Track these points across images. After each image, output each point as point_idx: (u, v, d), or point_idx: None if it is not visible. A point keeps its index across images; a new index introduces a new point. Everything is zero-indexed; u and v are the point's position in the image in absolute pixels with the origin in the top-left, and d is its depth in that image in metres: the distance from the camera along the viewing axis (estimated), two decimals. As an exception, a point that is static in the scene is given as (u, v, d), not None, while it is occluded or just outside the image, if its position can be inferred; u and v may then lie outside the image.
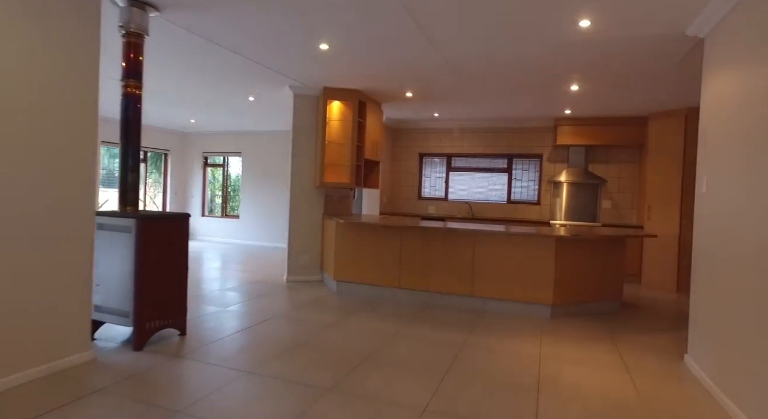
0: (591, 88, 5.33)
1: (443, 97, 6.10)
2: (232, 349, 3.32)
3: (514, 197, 7.81)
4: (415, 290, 4.98)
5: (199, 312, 4.25)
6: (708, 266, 3.03)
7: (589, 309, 4.73)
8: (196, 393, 2.58)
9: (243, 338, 3.59)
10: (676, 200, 6.18)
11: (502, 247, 4.63)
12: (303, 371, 2.97)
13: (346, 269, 5.26)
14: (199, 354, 3.17)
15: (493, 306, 4.70)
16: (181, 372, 2.86)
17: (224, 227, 9.99)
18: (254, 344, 3.46)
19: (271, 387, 2.71)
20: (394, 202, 8.49)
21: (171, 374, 2.82)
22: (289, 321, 4.13)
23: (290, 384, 2.76)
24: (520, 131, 7.67)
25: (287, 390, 2.68)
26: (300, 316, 4.28)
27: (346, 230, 5.26)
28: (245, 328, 3.85)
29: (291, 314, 4.35)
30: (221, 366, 2.99)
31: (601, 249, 4.75)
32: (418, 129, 8.32)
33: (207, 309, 4.39)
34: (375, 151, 6.48)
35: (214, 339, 3.50)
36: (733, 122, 2.78)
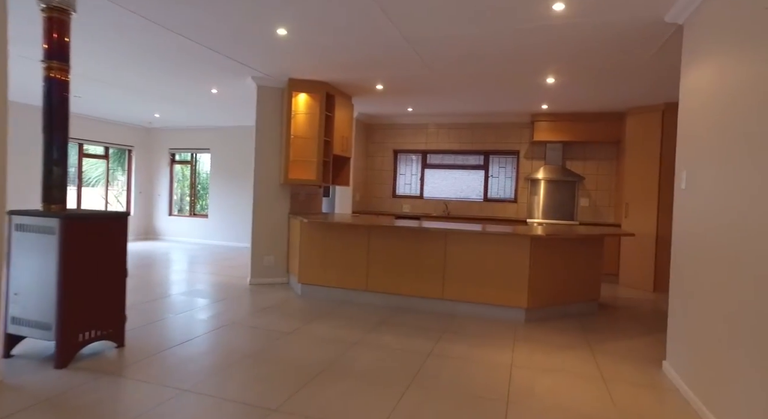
0: (567, 81, 5.13)
1: (415, 90, 5.84)
2: (173, 363, 2.99)
3: (491, 195, 7.60)
4: (384, 293, 4.71)
5: (146, 320, 3.90)
6: (688, 268, 2.83)
7: (565, 312, 4.52)
8: (118, 418, 2.25)
9: (189, 349, 3.26)
10: (653, 198, 6.04)
11: (474, 247, 4.39)
12: (248, 388, 2.66)
13: (311, 271, 4.96)
14: (133, 370, 2.83)
15: (464, 310, 4.45)
16: (106, 393, 2.53)
17: (192, 227, 9.57)
18: (200, 356, 3.14)
19: (206, 408, 2.40)
20: (368, 200, 8.21)
21: (94, 395, 2.48)
22: (244, 328, 3.81)
23: (228, 403, 2.46)
24: (497, 126, 7.46)
25: (221, 411, 2.37)
26: (257, 323, 3.96)
27: (311, 230, 4.96)
28: (194, 337, 3.52)
29: (248, 320, 4.03)
30: (156, 383, 2.66)
31: (578, 249, 4.55)
32: (392, 125, 8.05)
33: (157, 316, 4.04)
34: (345, 147, 6.19)
35: (156, 352, 3.17)
36: (713, 114, 2.57)
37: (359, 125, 7.76)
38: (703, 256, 2.60)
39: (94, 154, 8.86)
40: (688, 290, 2.81)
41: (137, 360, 2.98)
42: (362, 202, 8.06)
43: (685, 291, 2.85)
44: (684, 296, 2.88)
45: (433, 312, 4.50)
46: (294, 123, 5.55)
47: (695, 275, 2.70)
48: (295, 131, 5.55)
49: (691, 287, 2.77)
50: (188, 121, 8.94)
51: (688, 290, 2.80)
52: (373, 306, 4.66)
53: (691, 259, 2.78)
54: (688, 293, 2.80)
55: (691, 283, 2.76)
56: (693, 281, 2.74)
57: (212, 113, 7.97)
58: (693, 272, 2.74)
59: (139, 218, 9.66)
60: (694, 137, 2.83)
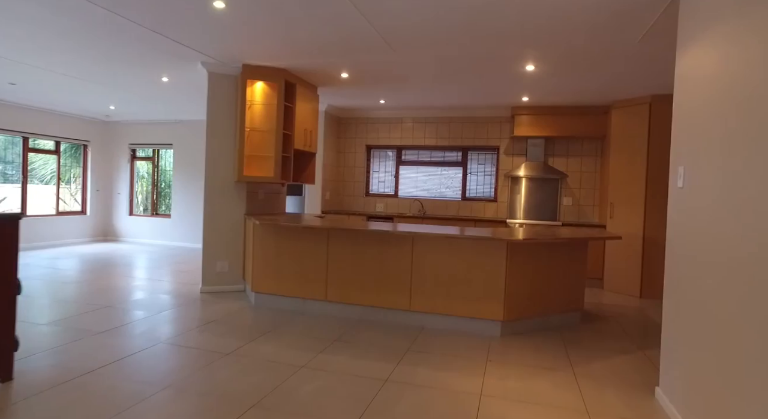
0: (549, 70, 4.68)
1: (384, 78, 5.34)
2: (69, 400, 2.45)
3: (470, 194, 7.15)
4: (345, 304, 4.21)
5: (57, 342, 3.34)
6: (686, 279, 2.38)
7: (545, 324, 4.08)
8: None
9: (97, 380, 2.73)
10: (640, 197, 5.64)
11: (444, 253, 3.92)
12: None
13: (265, 279, 4.44)
14: (10, 413, 2.30)
15: (433, 323, 3.98)
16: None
17: (154, 228, 8.95)
18: (107, 390, 2.61)
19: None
20: (339, 199, 7.70)
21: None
22: (176, 349, 3.28)
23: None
24: (476, 121, 7.01)
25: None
26: (194, 341, 3.44)
27: (264, 233, 4.44)
28: (109, 363, 2.98)
29: (184, 338, 3.50)
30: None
31: (560, 254, 4.11)
32: (365, 119, 7.55)
33: (74, 336, 3.48)
34: (309, 141, 5.67)
35: (52, 385, 2.62)
36: (716, 100, 2.12)
37: (329, 119, 7.24)
38: (706, 265, 2.15)
39: (43, 149, 8.20)
40: (685, 305, 2.37)
41: (18, 400, 2.44)
42: (333, 201, 7.55)
43: (682, 306, 2.41)
44: (681, 311, 2.43)
45: (399, 326, 4.02)
46: (250, 114, 5.02)
47: (695, 288, 2.26)
48: (250, 123, 5.01)
49: (689, 301, 2.33)
50: (149, 114, 8.32)
51: (686, 305, 2.36)
52: (332, 319, 4.16)
53: (690, 268, 2.34)
54: (686, 309, 2.36)
55: (690, 297, 2.31)
56: (692, 294, 2.29)
57: (173, 105, 7.38)
58: (692, 283, 2.30)
59: (97, 218, 9.01)
60: (693, 127, 2.39)
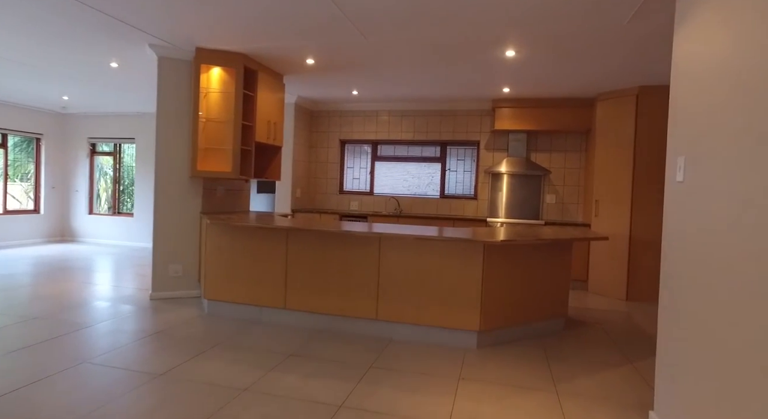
0: (530, 56, 4.32)
1: (354, 66, 4.93)
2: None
3: (449, 191, 6.78)
4: (305, 312, 3.80)
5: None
6: (686, 288, 2.03)
7: (526, 332, 3.72)
8: None
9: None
10: (626, 195, 5.33)
11: (414, 255, 3.53)
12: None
13: (218, 285, 4.00)
14: None
15: (402, 333, 3.59)
16: None
17: (115, 227, 8.40)
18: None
19: None
20: (312, 197, 7.27)
21: None
22: (99, 370, 2.83)
23: None
24: (455, 114, 6.64)
25: None
26: (124, 359, 2.99)
27: (217, 233, 4.00)
28: (7, 392, 2.53)
29: (113, 356, 3.05)
30: None
31: (542, 256, 3.75)
32: (338, 111, 7.12)
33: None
34: (274, 134, 5.23)
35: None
36: (725, 80, 1.76)
37: (300, 111, 6.80)
38: (714, 272, 1.80)
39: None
40: (686, 318, 2.02)
41: None
42: (304, 199, 7.12)
43: (683, 319, 2.06)
44: (680, 325, 2.08)
45: (365, 337, 3.63)
46: (206, 103, 4.57)
47: (699, 299, 1.90)
48: (206, 113, 4.56)
49: (691, 314, 1.97)
50: (109, 105, 7.77)
51: (687, 319, 2.00)
52: (291, 329, 3.74)
53: (692, 276, 1.99)
54: (687, 323, 2.00)
55: (692, 308, 1.96)
56: (695, 306, 1.94)
57: (133, 95, 6.85)
58: (695, 294, 1.94)
59: (52, 218, 8.43)
60: (696, 111, 2.03)
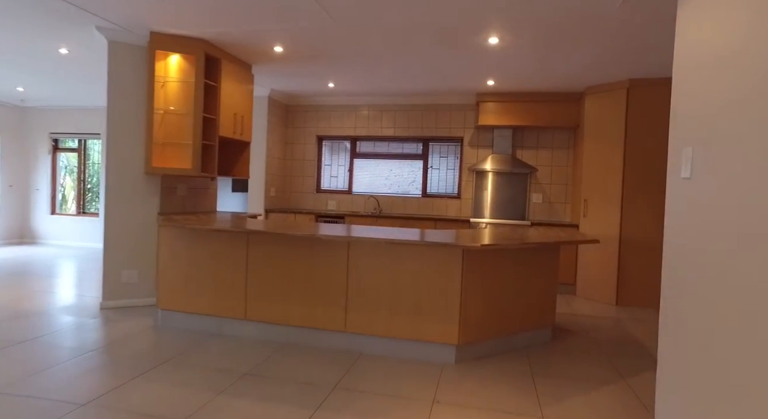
0: (514, 44, 4.01)
1: (326, 55, 4.57)
2: None
3: (431, 190, 6.46)
4: (267, 324, 3.44)
5: None
6: (692, 306, 1.72)
7: (510, 345, 3.41)
8: None
9: None
10: (616, 194, 5.06)
11: (387, 261, 3.19)
12: None
13: (173, 293, 3.62)
14: None
15: (374, 347, 3.25)
16: None
17: (80, 228, 7.93)
18: None
19: None
20: (287, 196, 6.89)
21: None
22: (7, 400, 2.44)
23: None
24: (437, 108, 6.32)
25: None
26: (45, 385, 2.60)
27: (171, 236, 3.62)
28: None
29: (36, 380, 2.66)
30: None
31: (528, 260, 3.44)
32: (315, 106, 6.76)
33: None
34: (242, 128, 4.85)
35: None
36: (741, 62, 1.45)
37: (274, 106, 6.42)
38: (725, 285, 1.49)
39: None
40: (695, 338, 1.71)
41: None
42: (280, 198, 6.74)
43: (691, 339, 1.75)
44: (686, 342, 1.77)
45: (332, 351, 3.28)
46: (163, 94, 4.18)
47: (707, 317, 1.60)
48: (164, 104, 4.18)
49: (701, 332, 1.66)
50: (72, 98, 7.30)
51: (696, 338, 1.69)
52: (252, 342, 3.38)
53: (699, 287, 1.68)
54: (694, 338, 1.69)
55: (698, 327, 1.65)
56: (706, 322, 1.63)
57: (94, 87, 6.40)
58: (702, 310, 1.64)
59: (9, 218, 7.92)
60: (704, 100, 1.72)
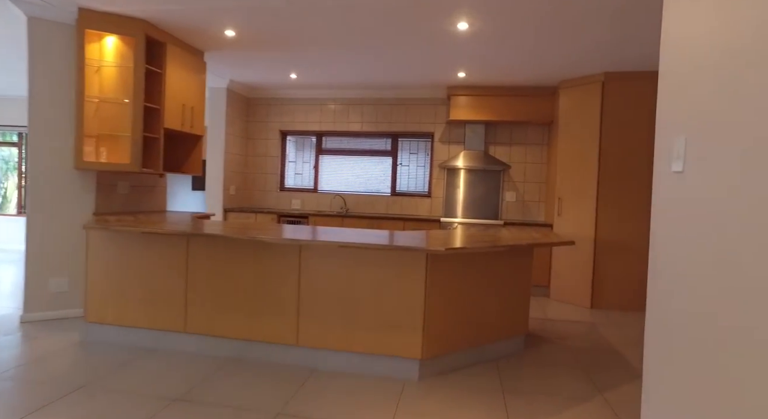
0: (485, 31, 3.72)
1: (284, 41, 4.20)
2: None
3: (400, 188, 6.15)
4: (210, 337, 3.06)
5: None
6: (685, 307, 1.44)
7: (479, 357, 3.12)
8: None
9: None
10: (591, 192, 4.84)
11: (343, 267, 2.86)
12: None
13: (103, 304, 3.20)
14: None
15: (328, 362, 2.91)
16: None
17: (20, 230, 7.30)
18: None
19: None
20: (249, 195, 6.48)
21: None
22: None
23: None
24: (407, 102, 6.01)
25: None
26: (-63, 416, 2.18)
27: (100, 240, 3.19)
28: None
29: (-75, 411, 2.23)
30: None
31: (499, 264, 3.16)
32: (278, 99, 6.36)
33: None
34: (193, 121, 4.44)
35: None
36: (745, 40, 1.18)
37: (234, 98, 6.00)
38: (722, 281, 1.20)
39: None
40: (685, 345, 1.42)
41: None
42: (240, 197, 6.32)
43: (680, 347, 1.47)
44: (678, 355, 1.49)
45: (282, 367, 2.92)
46: (98, 80, 3.75)
47: (702, 319, 1.31)
48: (99, 92, 3.74)
49: (692, 341, 1.38)
50: (12, 88, 6.70)
51: (687, 345, 1.41)
52: (190, 359, 2.99)
53: (692, 286, 1.40)
54: (686, 351, 1.41)
55: (694, 335, 1.37)
56: (697, 330, 1.35)
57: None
58: (697, 313, 1.35)
59: (-57, 219, 7.27)
60: (700, 80, 1.45)
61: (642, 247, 4.68)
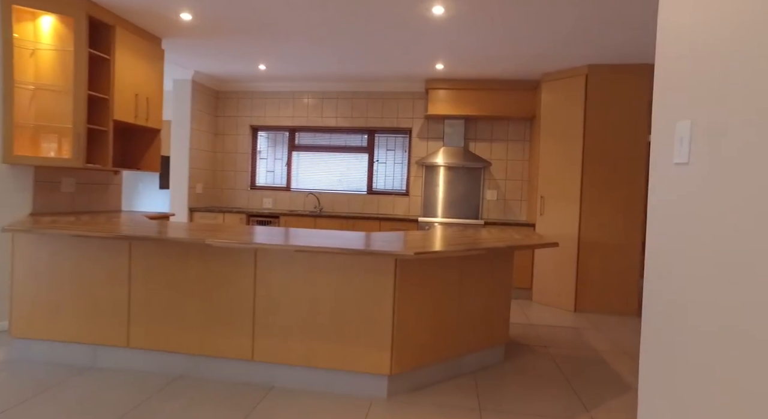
0: (462, 18, 3.45)
1: (247, 26, 3.87)
2: None
3: (377, 186, 5.86)
4: (157, 352, 2.73)
5: None
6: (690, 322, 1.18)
7: (455, 370, 2.85)
8: None
9: None
10: (575, 191, 4.62)
11: (303, 274, 2.56)
12: None
13: (33, 317, 2.83)
14: None
15: (287, 379, 2.61)
16: None
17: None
18: None
19: None
20: (217, 193, 6.12)
21: None
22: None
23: None
24: (384, 96, 5.73)
25: None
26: None
27: (31, 244, 2.83)
28: None
29: None
30: None
31: (477, 268, 2.89)
32: (248, 92, 6.02)
33: None
34: (147, 112, 4.08)
35: None
36: None
37: (200, 91, 5.64)
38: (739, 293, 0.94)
39: None
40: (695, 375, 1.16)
41: None
42: (208, 195, 5.96)
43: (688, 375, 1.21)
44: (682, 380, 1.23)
45: (236, 384, 2.61)
46: (33, 64, 3.37)
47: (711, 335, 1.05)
48: (35, 78, 3.37)
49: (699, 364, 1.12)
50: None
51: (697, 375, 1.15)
52: (133, 377, 2.66)
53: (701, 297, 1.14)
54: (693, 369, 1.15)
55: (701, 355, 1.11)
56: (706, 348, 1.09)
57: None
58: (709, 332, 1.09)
59: None
60: (712, 50, 1.19)
61: (627, 247, 4.48)
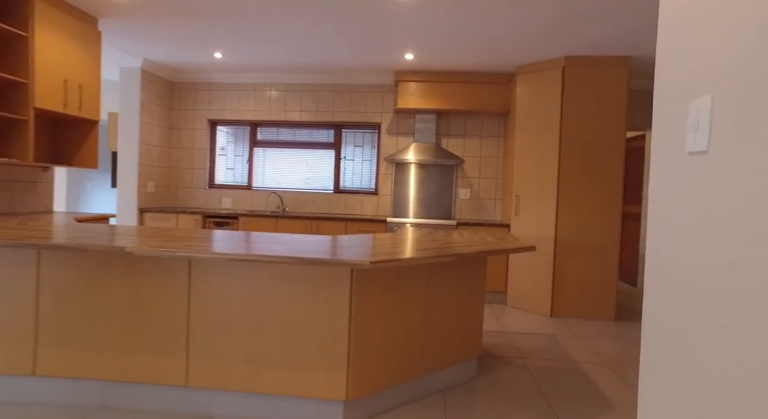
0: (431, 3, 3.15)
1: (196, 6, 3.47)
2: None
3: (344, 184, 5.52)
4: (71, 380, 2.33)
5: None
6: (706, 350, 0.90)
7: (421, 390, 2.54)
8: None
9: None
10: (551, 189, 4.38)
11: (246, 287, 2.20)
12: None
13: (-74, 339, 2.39)
14: None
15: (228, 407, 2.25)
16: None
17: None
18: None
19: None
20: (171, 192, 5.67)
21: None
22: None
23: None
24: (351, 89, 5.39)
25: None
26: None
27: None
28: None
29: None
30: None
31: (447, 276, 2.59)
32: (206, 84, 5.59)
33: None
34: (81, 101, 3.64)
35: None
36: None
37: (151, 81, 5.18)
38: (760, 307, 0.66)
39: None
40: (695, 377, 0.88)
41: None
42: (162, 195, 5.51)
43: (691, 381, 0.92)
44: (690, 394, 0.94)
45: (168, 415, 2.24)
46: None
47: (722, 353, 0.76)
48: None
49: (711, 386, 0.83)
50: None
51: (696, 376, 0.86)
52: (42, 410, 2.25)
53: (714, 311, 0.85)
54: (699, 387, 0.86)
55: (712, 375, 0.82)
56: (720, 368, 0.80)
57: None
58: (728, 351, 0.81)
59: None
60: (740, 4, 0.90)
61: (605, 249, 4.27)
